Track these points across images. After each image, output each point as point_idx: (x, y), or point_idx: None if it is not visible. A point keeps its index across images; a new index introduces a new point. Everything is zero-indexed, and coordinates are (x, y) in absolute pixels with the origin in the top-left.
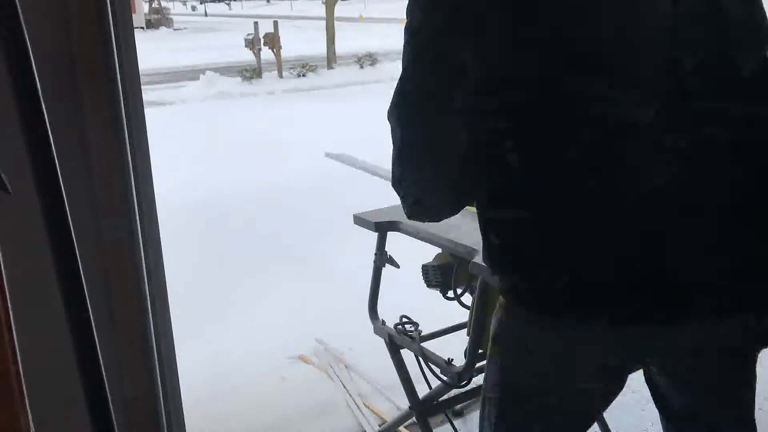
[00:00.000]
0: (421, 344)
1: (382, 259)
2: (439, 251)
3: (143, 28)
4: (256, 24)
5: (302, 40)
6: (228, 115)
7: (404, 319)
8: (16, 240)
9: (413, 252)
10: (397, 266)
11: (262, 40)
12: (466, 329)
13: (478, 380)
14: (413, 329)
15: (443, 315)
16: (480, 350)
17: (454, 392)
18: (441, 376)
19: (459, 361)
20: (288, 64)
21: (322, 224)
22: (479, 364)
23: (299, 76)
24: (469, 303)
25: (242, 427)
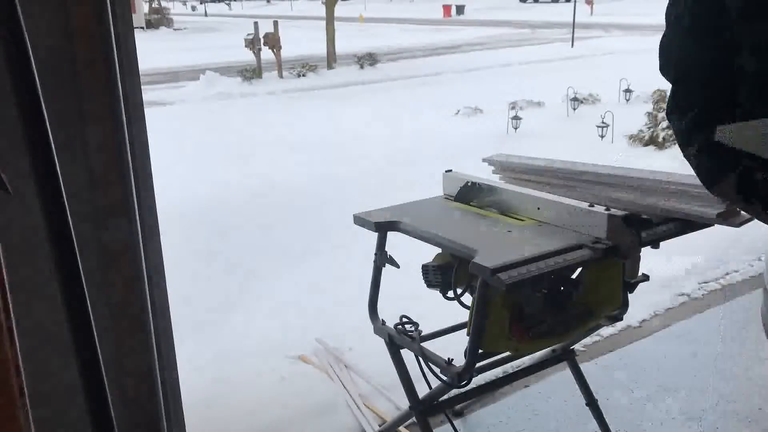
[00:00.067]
0: (421, 344)
1: (382, 259)
2: (439, 251)
3: (143, 28)
4: (256, 24)
5: (302, 40)
6: (228, 115)
7: (404, 319)
8: (16, 240)
9: (413, 252)
10: (397, 266)
11: (262, 40)
12: (466, 329)
13: (478, 380)
14: (413, 329)
15: (443, 315)
16: (480, 350)
17: (454, 392)
18: (441, 376)
19: (459, 361)
20: (288, 64)
21: (322, 224)
22: (479, 364)
23: (299, 76)
24: (469, 303)
25: (242, 427)
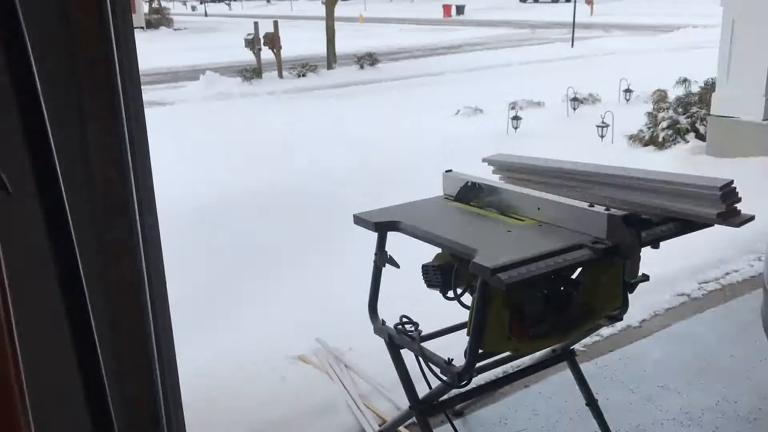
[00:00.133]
0: (421, 344)
1: (382, 259)
2: (439, 251)
3: (143, 28)
4: (256, 24)
5: (302, 40)
6: (228, 115)
7: (404, 319)
8: (16, 240)
9: (413, 252)
10: (397, 266)
11: (262, 40)
12: (466, 329)
13: (478, 380)
14: (413, 329)
15: (443, 315)
16: (480, 350)
17: (454, 392)
18: (441, 376)
19: (459, 361)
20: (288, 64)
21: (322, 224)
22: (479, 364)
23: (299, 76)
24: (469, 303)
25: (242, 427)
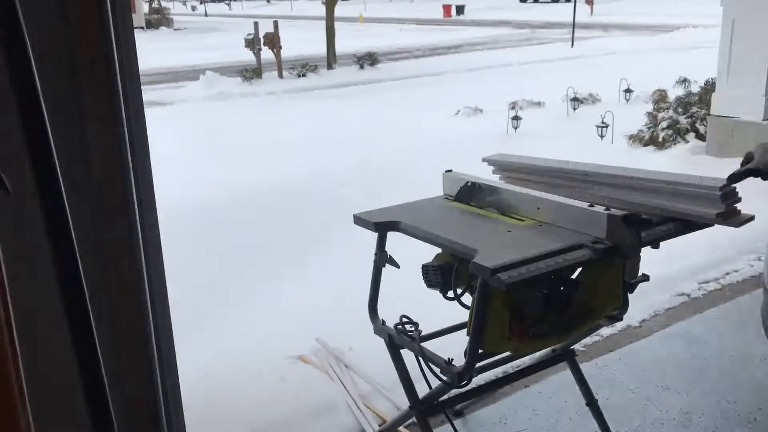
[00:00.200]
0: (421, 344)
1: (382, 259)
2: (439, 251)
3: (143, 28)
4: (256, 24)
5: (302, 40)
6: (228, 115)
7: (404, 319)
8: (16, 240)
9: (413, 252)
10: (397, 266)
11: (262, 40)
12: (466, 329)
13: (478, 380)
14: (413, 329)
15: (443, 315)
16: (480, 350)
17: (454, 392)
18: (441, 376)
19: (459, 361)
20: (288, 64)
21: (322, 224)
22: (479, 364)
23: (299, 77)
24: (469, 303)
25: (242, 427)
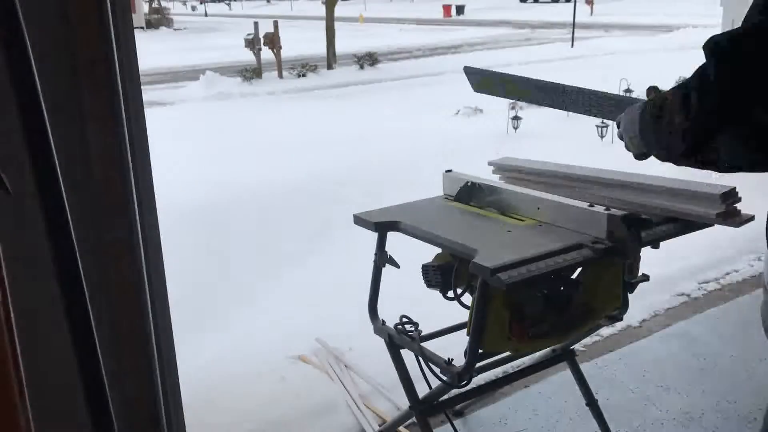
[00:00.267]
0: (421, 344)
1: (382, 259)
2: (439, 251)
3: (143, 28)
4: (256, 24)
5: (302, 40)
6: (228, 115)
7: (404, 319)
8: (16, 240)
9: (413, 252)
10: (397, 266)
11: (262, 40)
12: (466, 329)
13: (478, 380)
14: (413, 329)
15: (443, 315)
16: (480, 350)
17: (454, 392)
18: (441, 376)
19: (459, 361)
20: (288, 64)
21: (323, 224)
22: (479, 364)
23: (299, 77)
24: (469, 303)
25: (242, 428)
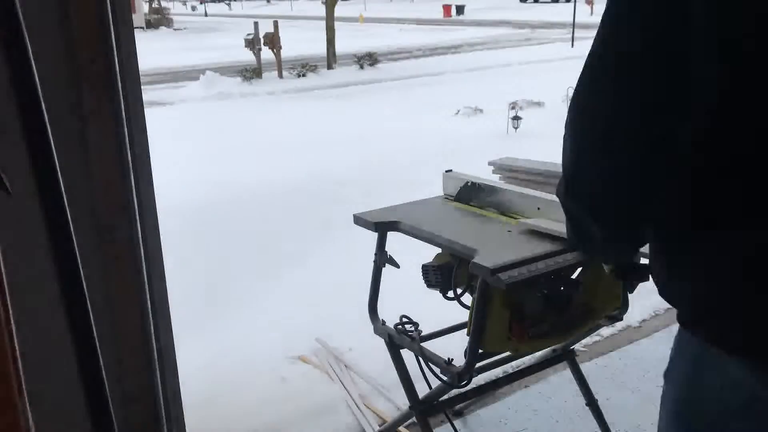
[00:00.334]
0: (421, 344)
1: (382, 259)
2: (439, 251)
3: (143, 28)
4: (256, 24)
5: (302, 40)
6: (228, 115)
7: (404, 319)
8: (16, 240)
9: (413, 252)
10: (397, 266)
11: (262, 40)
12: (466, 329)
13: (479, 380)
14: (413, 329)
15: (443, 315)
16: (480, 350)
17: (454, 392)
18: (441, 376)
19: (459, 361)
20: (288, 64)
21: (322, 224)
22: (479, 364)
23: (299, 77)
24: (469, 303)
25: (242, 427)
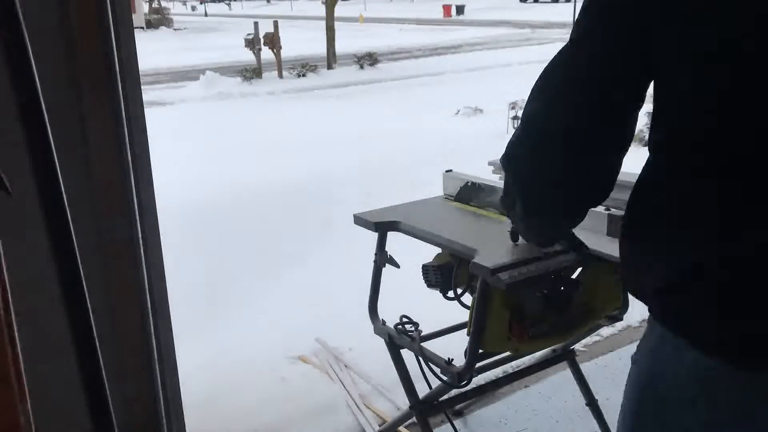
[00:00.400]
0: (421, 344)
1: (382, 259)
2: (439, 251)
3: (143, 28)
4: (256, 24)
5: (302, 40)
6: (228, 115)
7: (404, 319)
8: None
9: (413, 252)
10: (397, 266)
11: (262, 40)
12: (466, 329)
13: (479, 380)
14: (413, 329)
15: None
16: (480, 350)
17: (454, 392)
18: (441, 376)
19: (459, 361)
20: (288, 64)
21: (322, 224)
22: (479, 364)
23: (299, 77)
24: (469, 303)
25: (242, 427)
